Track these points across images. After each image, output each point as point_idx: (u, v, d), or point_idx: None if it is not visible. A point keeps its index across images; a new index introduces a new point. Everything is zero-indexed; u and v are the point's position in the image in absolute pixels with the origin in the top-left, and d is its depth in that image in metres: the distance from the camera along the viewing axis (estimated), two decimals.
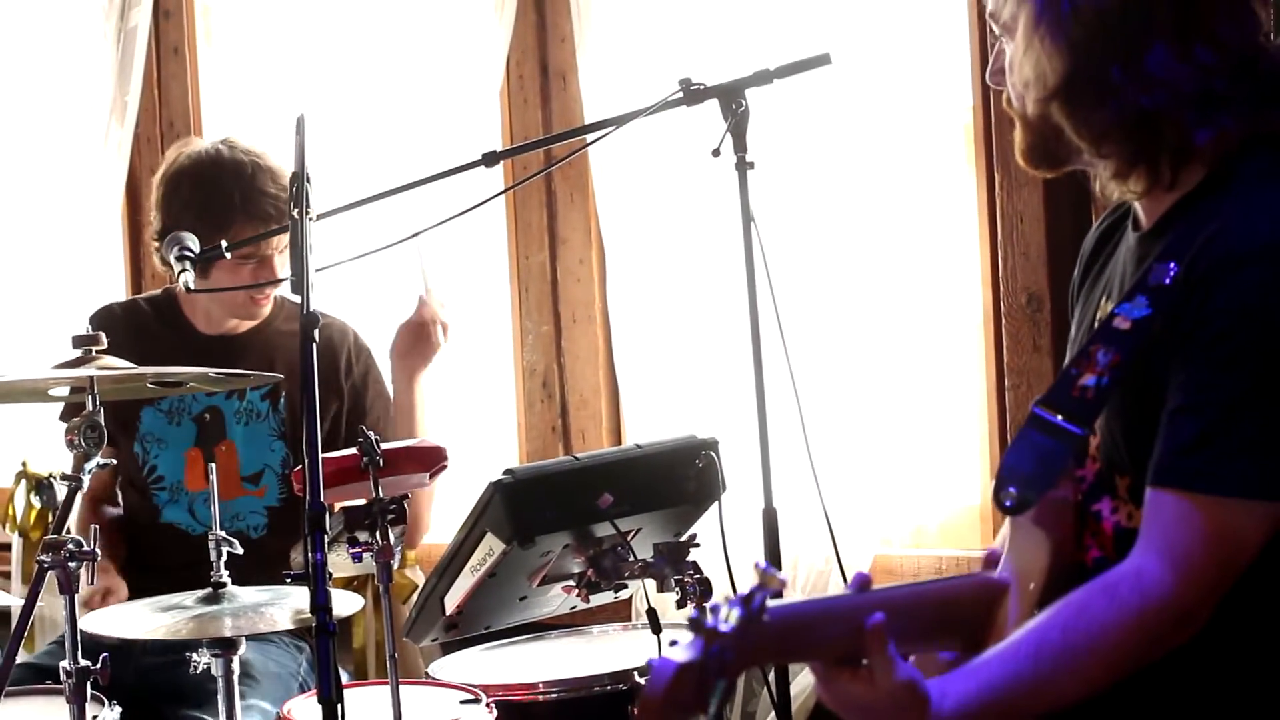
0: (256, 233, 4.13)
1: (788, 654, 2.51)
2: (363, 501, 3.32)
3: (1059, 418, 2.44)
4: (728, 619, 2.15)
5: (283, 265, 4.27)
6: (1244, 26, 2.43)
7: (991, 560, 2.66)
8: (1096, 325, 2.50)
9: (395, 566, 3.34)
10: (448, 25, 4.96)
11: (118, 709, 3.48)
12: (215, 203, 4.22)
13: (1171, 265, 2.38)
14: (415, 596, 3.69)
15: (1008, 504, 2.45)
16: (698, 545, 3.36)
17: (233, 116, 5.45)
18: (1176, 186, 2.46)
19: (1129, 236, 2.58)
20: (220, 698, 3.47)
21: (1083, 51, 2.41)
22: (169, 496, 4.41)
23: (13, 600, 3.50)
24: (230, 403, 4.40)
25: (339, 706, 2.64)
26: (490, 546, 3.34)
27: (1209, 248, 2.34)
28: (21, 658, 3.75)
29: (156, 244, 4.21)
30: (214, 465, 3.62)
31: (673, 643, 2.20)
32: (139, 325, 4.44)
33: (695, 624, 2.15)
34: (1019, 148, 2.57)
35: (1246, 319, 2.30)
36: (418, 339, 4.35)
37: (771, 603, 2.18)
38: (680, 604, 3.32)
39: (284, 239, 4.18)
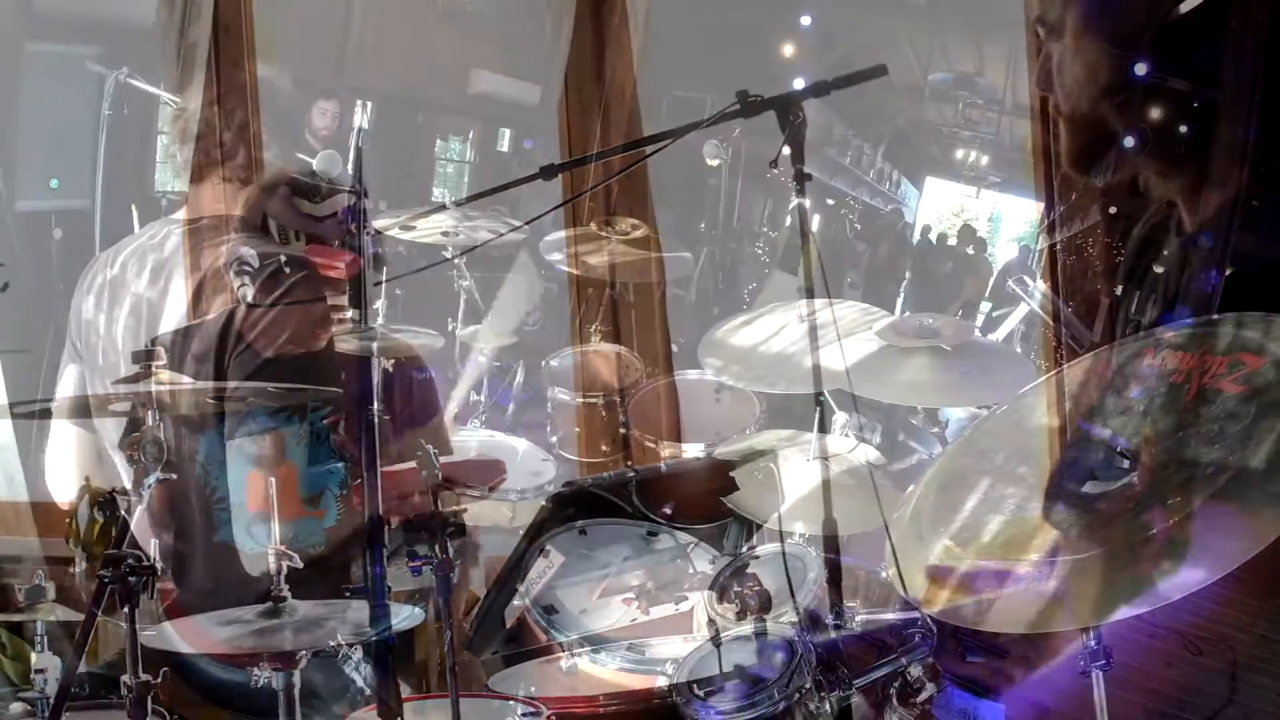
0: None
1: None
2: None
3: (1106, 430, 2.43)
4: None
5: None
6: None
7: None
8: (1143, 332, 2.48)
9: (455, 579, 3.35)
10: (506, 38, 4.96)
11: None
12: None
13: (1213, 273, 2.36)
14: (476, 610, 3.69)
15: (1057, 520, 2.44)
16: (757, 557, 3.35)
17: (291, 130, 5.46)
18: (1220, 187, 2.43)
19: (1173, 240, 2.56)
20: (281, 711, 3.48)
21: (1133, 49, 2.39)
22: (228, 517, 4.41)
23: (77, 616, 3.51)
24: (290, 424, 4.40)
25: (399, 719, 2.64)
26: (550, 559, 3.34)
27: (1257, 255, 2.32)
28: (84, 668, 3.76)
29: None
30: (273, 480, 3.63)
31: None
32: (196, 352, 4.41)
33: None
34: (1066, 153, 2.54)
35: None
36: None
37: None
38: (740, 616, 3.30)
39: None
